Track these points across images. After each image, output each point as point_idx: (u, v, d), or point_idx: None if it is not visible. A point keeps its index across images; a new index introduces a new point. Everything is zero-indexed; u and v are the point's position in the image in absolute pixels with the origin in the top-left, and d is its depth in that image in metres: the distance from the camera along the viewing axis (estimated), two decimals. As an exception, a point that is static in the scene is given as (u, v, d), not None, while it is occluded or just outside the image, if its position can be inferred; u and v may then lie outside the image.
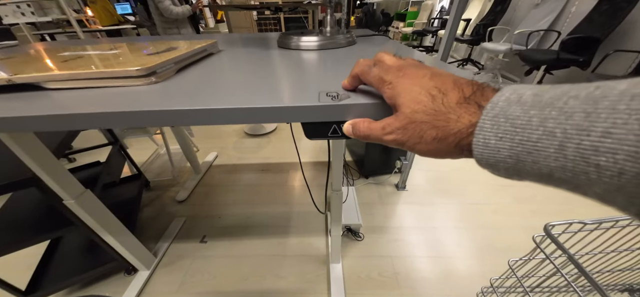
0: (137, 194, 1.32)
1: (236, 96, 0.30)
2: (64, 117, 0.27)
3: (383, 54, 0.25)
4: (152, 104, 0.27)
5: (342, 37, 0.56)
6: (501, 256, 1.13)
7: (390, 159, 1.53)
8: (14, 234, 0.86)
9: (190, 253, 1.19)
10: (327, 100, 0.26)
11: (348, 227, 1.22)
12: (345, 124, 0.25)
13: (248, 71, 0.40)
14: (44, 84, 0.31)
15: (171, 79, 0.35)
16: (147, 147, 1.99)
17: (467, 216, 1.34)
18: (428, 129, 0.18)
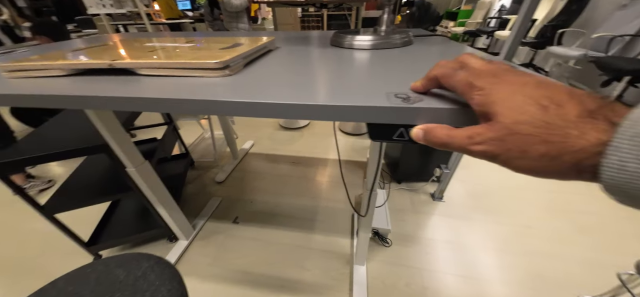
0: (183, 171, 1.46)
1: (303, 92, 0.30)
2: (155, 101, 0.30)
3: (468, 56, 0.22)
4: (229, 95, 0.29)
5: (398, 37, 0.53)
6: (551, 289, 0.97)
7: (428, 166, 1.43)
8: (83, 193, 1.02)
9: (224, 231, 1.27)
10: (396, 102, 0.25)
11: (376, 231, 1.17)
12: (415, 129, 0.24)
13: (308, 68, 0.40)
14: (137, 70, 0.36)
15: (240, 73, 0.37)
16: (193, 131, 2.19)
17: (512, 239, 1.18)
18: (535, 144, 0.16)
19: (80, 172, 1.14)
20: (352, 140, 2.03)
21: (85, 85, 0.34)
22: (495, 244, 1.16)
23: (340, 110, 0.26)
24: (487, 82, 0.19)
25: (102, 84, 0.34)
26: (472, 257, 1.11)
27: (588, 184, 0.16)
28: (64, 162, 1.85)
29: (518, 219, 1.28)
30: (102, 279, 0.40)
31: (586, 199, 1.36)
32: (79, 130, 0.94)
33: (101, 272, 0.41)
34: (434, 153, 1.38)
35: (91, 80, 0.36)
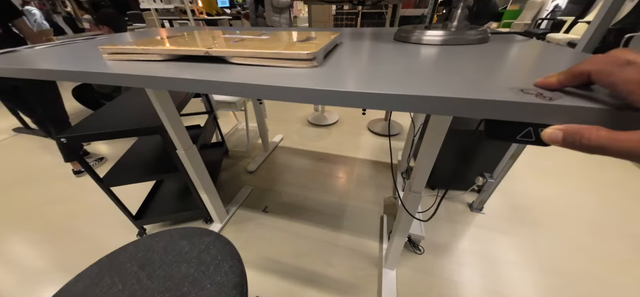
0: (219, 159, 1.54)
1: (401, 84, 0.28)
2: (252, 86, 0.30)
3: (629, 52, 0.19)
4: (323, 84, 0.29)
5: (474, 33, 0.49)
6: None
7: (467, 173, 1.34)
8: (136, 170, 1.12)
9: (254, 219, 1.32)
10: (527, 97, 0.22)
11: (408, 237, 1.13)
12: (551, 129, 0.21)
13: (390, 61, 0.39)
14: (230, 58, 0.37)
15: (323, 65, 0.37)
16: (227, 122, 2.30)
17: (561, 259, 1.06)
18: None
19: (132, 153, 1.25)
20: (381, 141, 1.98)
21: (180, 69, 0.36)
22: (540, 263, 1.06)
23: (453, 103, 0.24)
24: None
25: (196, 70, 0.36)
26: (513, 275, 1.02)
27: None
28: (110, 143, 2.06)
29: (567, 238, 1.15)
30: (169, 248, 0.43)
31: (658, 228, 1.18)
32: (134, 114, 1.03)
33: (168, 242, 0.45)
34: (475, 160, 1.29)
35: (184, 66, 0.38)
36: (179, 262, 0.41)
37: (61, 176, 1.69)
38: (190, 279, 0.38)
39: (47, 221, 1.37)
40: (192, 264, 0.40)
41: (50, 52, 0.57)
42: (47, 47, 0.65)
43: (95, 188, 1.04)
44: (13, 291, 1.04)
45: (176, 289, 0.37)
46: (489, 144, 1.22)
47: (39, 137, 2.20)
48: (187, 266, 0.40)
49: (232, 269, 0.40)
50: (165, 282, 0.38)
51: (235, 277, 0.39)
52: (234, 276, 0.39)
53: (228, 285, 0.38)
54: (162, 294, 0.36)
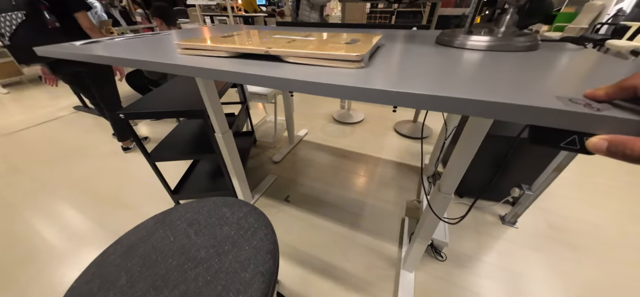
0: (248, 147, 1.63)
1: (445, 86, 0.29)
2: (304, 83, 0.33)
3: None
4: (371, 83, 0.31)
5: (522, 40, 0.47)
6: None
7: (501, 184, 1.26)
8: (178, 149, 1.23)
9: (276, 206, 1.37)
10: (575, 106, 0.23)
11: (431, 242, 1.10)
12: (595, 139, 0.22)
13: (434, 64, 0.39)
14: (285, 57, 0.41)
15: (369, 66, 0.39)
16: (256, 114, 2.41)
17: (600, 288, 0.96)
18: None
19: (174, 135, 1.37)
20: (407, 143, 1.94)
21: (244, 66, 0.41)
22: (574, 290, 0.96)
23: (503, 108, 0.25)
24: None
25: (256, 67, 0.40)
26: (545, 295, 0.95)
27: None
28: (151, 126, 2.27)
29: (609, 267, 1.03)
30: (212, 213, 0.49)
31: None
32: (178, 99, 1.14)
33: (211, 208, 0.50)
34: (512, 170, 1.21)
35: (246, 62, 0.42)
36: (222, 224, 0.46)
37: (111, 152, 1.91)
38: (231, 240, 0.42)
39: (96, 189, 1.56)
40: (233, 228, 0.45)
41: (129, 44, 0.66)
42: (123, 39, 0.75)
43: (140, 164, 1.17)
44: (63, 246, 1.21)
45: (219, 246, 0.41)
46: (529, 153, 1.14)
47: (94, 116, 2.51)
48: (228, 229, 0.44)
49: (266, 237, 0.43)
50: (210, 239, 0.42)
51: (270, 244, 0.42)
52: (268, 242, 0.43)
53: (263, 249, 0.41)
54: (207, 249, 0.41)
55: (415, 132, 2.03)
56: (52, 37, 1.46)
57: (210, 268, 0.38)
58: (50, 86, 1.62)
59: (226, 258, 0.39)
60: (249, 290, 0.35)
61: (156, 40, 0.70)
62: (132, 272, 0.38)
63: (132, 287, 0.36)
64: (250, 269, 0.38)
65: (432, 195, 0.78)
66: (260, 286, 0.36)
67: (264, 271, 0.38)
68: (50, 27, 1.45)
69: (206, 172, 1.49)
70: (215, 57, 0.45)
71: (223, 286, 0.36)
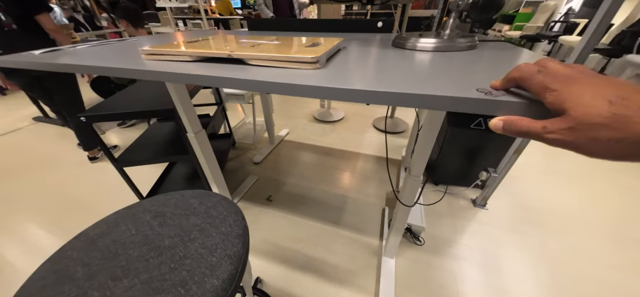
0: (226, 149, 1.59)
1: (388, 83, 0.33)
2: (267, 84, 0.36)
3: (547, 60, 0.26)
4: (322, 82, 0.34)
5: (463, 40, 0.53)
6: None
7: (471, 170, 1.34)
8: (147, 153, 1.17)
9: (257, 206, 1.35)
10: (480, 95, 0.28)
11: (408, 227, 1.14)
12: (495, 119, 0.27)
13: (384, 64, 0.44)
14: (248, 60, 0.43)
15: (326, 66, 0.42)
16: (235, 116, 2.36)
17: (568, 262, 1.05)
18: (604, 132, 0.19)
19: (144, 139, 1.31)
20: (387, 137, 1.99)
21: (208, 69, 0.43)
22: (541, 263, 1.04)
23: (427, 99, 0.30)
24: (561, 85, 0.22)
25: (220, 69, 0.42)
26: (513, 271, 1.01)
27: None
28: (121, 133, 2.15)
29: (572, 240, 1.13)
30: (179, 204, 0.47)
31: (669, 231, 1.15)
32: (145, 100, 1.09)
33: (179, 200, 0.48)
34: (478, 156, 1.29)
35: (211, 66, 0.44)
36: (189, 215, 0.44)
37: (77, 162, 1.77)
38: (198, 228, 0.41)
39: (63, 201, 1.44)
40: (200, 217, 0.44)
41: (93, 51, 0.65)
42: (87, 46, 0.73)
43: (109, 173, 1.10)
44: (26, 266, 1.11)
45: (185, 234, 0.40)
46: (493, 141, 1.22)
47: (57, 126, 2.32)
48: (196, 218, 0.43)
49: (236, 223, 0.43)
50: (175, 229, 0.41)
51: (239, 229, 0.42)
52: (237, 228, 0.42)
53: (232, 234, 0.41)
54: (172, 238, 0.39)
55: (393, 127, 2.10)
56: (8, 40, 1.36)
57: (174, 256, 0.37)
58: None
59: (192, 245, 0.38)
60: (215, 272, 0.35)
61: (121, 46, 0.69)
62: (90, 266, 0.36)
63: (89, 279, 0.34)
64: (217, 253, 0.37)
65: (404, 180, 0.81)
66: (228, 268, 0.36)
67: (232, 254, 0.38)
68: (6, 29, 1.35)
69: (182, 176, 1.44)
70: (180, 62, 0.47)
71: (188, 271, 0.35)
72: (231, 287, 0.34)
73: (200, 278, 0.34)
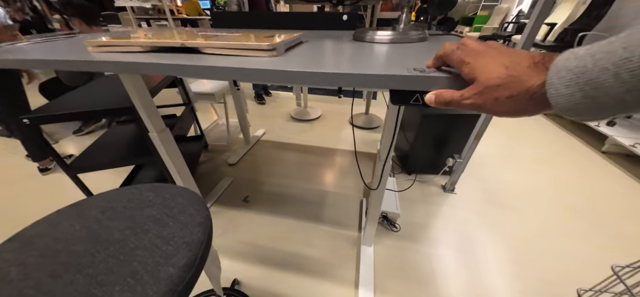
0: (197, 151, 1.52)
1: (338, 65, 0.37)
2: (223, 69, 0.38)
3: (466, 39, 0.29)
4: (280, 66, 0.37)
5: (415, 33, 0.59)
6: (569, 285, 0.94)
7: (439, 158, 1.43)
8: (104, 158, 1.08)
9: (234, 208, 1.30)
10: (414, 73, 0.32)
11: (385, 215, 1.17)
12: (429, 94, 0.31)
13: (339, 53, 0.47)
14: (203, 49, 0.42)
15: (283, 55, 0.44)
16: (207, 118, 2.27)
17: (530, 234, 1.15)
18: (502, 91, 0.23)
19: (101, 142, 1.21)
20: (362, 134, 2.04)
21: (159, 58, 0.43)
22: (506, 238, 1.13)
23: (370, 78, 0.34)
24: (473, 58, 0.26)
25: (173, 58, 0.41)
26: (487, 248, 1.09)
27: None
28: (78, 142, 1.96)
29: (531, 217, 1.25)
30: (134, 198, 0.44)
31: (606, 202, 1.32)
32: (101, 97, 1.01)
33: (133, 194, 0.45)
34: (445, 145, 1.38)
35: (163, 56, 0.44)
36: (143, 207, 0.41)
37: (27, 175, 1.58)
38: (153, 219, 0.38)
39: (11, 220, 1.27)
40: (156, 208, 0.41)
41: (36, 47, 0.60)
42: (30, 43, 0.67)
43: (64, 184, 1.00)
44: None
45: (137, 226, 0.37)
46: (458, 129, 1.32)
47: (1, 138, 2.05)
48: (151, 210, 0.40)
49: (197, 212, 0.41)
50: (126, 221, 0.38)
51: (200, 218, 0.40)
52: (199, 216, 0.40)
53: (192, 223, 0.38)
54: (122, 231, 0.36)
55: (368, 123, 2.16)
56: None
57: (124, 248, 0.34)
58: None
59: (145, 236, 0.36)
60: (171, 260, 0.33)
61: (69, 42, 0.65)
62: (25, 265, 0.31)
63: (25, 279, 0.30)
64: (174, 242, 0.35)
65: (376, 166, 0.83)
66: (186, 254, 0.34)
67: (190, 241, 0.36)
68: None
69: (148, 181, 1.34)
70: (130, 53, 0.45)
71: (139, 261, 0.32)
72: (188, 274, 0.32)
73: (153, 267, 0.32)
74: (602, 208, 1.28)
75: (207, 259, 0.38)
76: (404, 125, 1.54)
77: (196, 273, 0.34)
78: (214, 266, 0.52)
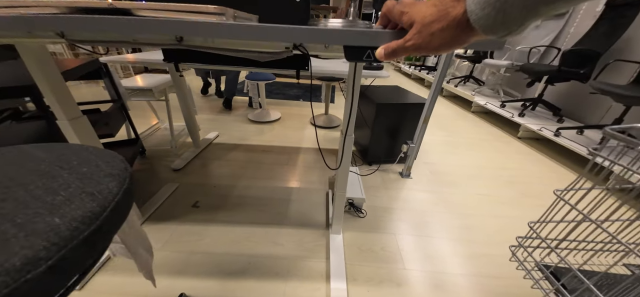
0: (130, 156, 1.26)
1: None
2: (161, 23, 0.36)
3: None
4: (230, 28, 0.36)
5: (362, 22, 0.64)
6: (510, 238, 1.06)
7: (395, 147, 1.51)
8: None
9: (180, 216, 1.11)
10: (365, 28, 0.36)
11: (351, 202, 1.15)
12: (378, 49, 0.34)
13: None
14: (136, 11, 0.39)
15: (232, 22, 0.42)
16: (145, 122, 1.96)
17: (473, 205, 1.28)
18: (435, 25, 0.26)
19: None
20: (324, 132, 2.05)
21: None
22: (455, 209, 1.24)
23: (326, 33, 0.37)
24: (410, 8, 0.30)
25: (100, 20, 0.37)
26: (443, 221, 1.16)
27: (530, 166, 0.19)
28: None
29: (475, 190, 1.41)
30: (15, 160, 0.30)
31: (530, 175, 1.58)
32: None
33: (15, 156, 0.31)
34: (398, 133, 1.47)
35: (85, 17, 0.38)
36: (25, 163, 0.28)
37: None
38: (39, 173, 0.26)
39: None
40: (45, 163, 0.28)
41: None
42: None
43: None
44: None
45: (12, 182, 0.25)
46: (409, 119, 1.43)
47: None
48: (36, 164, 0.28)
49: (108, 165, 0.30)
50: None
51: (112, 170, 0.29)
52: (110, 169, 0.29)
53: (98, 174, 0.28)
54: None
55: (328, 123, 2.19)
56: None
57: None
58: None
59: (20, 190, 0.24)
60: (59, 210, 0.22)
61: None
62: None
63: None
64: (67, 192, 0.24)
65: (340, 142, 0.81)
66: (86, 204, 0.23)
67: (95, 191, 0.25)
68: None
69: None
70: (45, 15, 0.37)
71: (5, 214, 0.20)
72: (89, 228, 0.22)
73: (28, 219, 0.21)
74: (522, 179, 1.53)
75: (123, 221, 0.27)
76: (363, 118, 1.59)
77: (105, 231, 0.24)
78: (141, 247, 0.39)
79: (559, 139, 1.80)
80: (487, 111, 2.84)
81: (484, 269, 0.94)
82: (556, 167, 1.71)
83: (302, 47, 0.68)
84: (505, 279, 0.91)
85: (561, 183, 1.52)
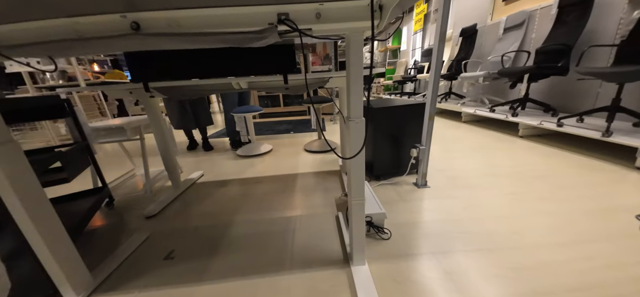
0: (89, 207, 1.01)
1: None
2: None
3: None
4: None
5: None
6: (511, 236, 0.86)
7: (401, 158, 1.37)
8: None
9: (148, 272, 0.83)
10: None
11: (369, 220, 0.93)
12: None
13: None
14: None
15: None
16: (121, 169, 1.71)
17: (506, 205, 1.09)
18: None
19: None
20: (320, 157, 1.88)
21: None
22: (482, 211, 1.05)
23: None
24: None
25: None
26: (477, 229, 0.95)
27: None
28: None
29: (487, 188, 1.25)
30: None
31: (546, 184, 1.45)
32: None
33: None
34: (403, 139, 1.35)
35: None
36: None
37: None
38: None
39: None
40: None
41: None
42: None
43: None
44: None
45: None
46: (411, 124, 1.33)
47: None
48: None
49: None
50: None
51: None
52: None
53: None
54: None
55: (323, 147, 2.04)
56: None
57: None
58: None
59: None
60: None
61: None
62: None
63: None
64: None
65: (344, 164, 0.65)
66: None
67: None
68: None
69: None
70: None
71: None
72: None
73: None
74: (546, 171, 1.40)
75: None
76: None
77: None
78: None
79: (566, 129, 1.73)
80: (478, 119, 2.84)
81: (567, 279, 0.71)
82: (572, 156, 1.61)
83: (289, 21, 0.56)
84: (594, 288, 0.68)
85: (589, 170, 1.39)
